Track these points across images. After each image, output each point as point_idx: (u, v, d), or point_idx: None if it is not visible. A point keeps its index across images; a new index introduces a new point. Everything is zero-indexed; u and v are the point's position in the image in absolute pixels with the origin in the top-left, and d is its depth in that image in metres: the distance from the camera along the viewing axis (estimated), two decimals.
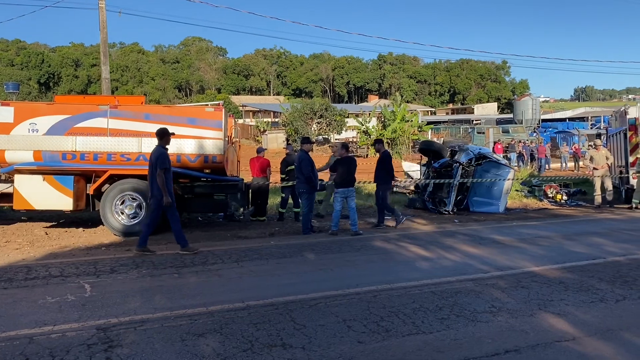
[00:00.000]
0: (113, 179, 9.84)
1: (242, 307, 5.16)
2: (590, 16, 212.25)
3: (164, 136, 8.17)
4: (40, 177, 9.70)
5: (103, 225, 9.90)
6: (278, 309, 5.10)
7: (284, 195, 12.04)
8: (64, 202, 9.77)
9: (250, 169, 12.25)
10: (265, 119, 59.20)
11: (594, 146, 15.65)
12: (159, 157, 7.86)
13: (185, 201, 10.47)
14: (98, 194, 9.85)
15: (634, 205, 13.68)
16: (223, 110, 10.12)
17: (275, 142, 41.81)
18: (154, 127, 9.75)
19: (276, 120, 59.32)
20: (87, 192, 9.95)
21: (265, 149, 13.04)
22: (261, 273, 6.80)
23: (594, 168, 14.46)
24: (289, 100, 71.48)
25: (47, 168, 9.69)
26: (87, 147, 9.68)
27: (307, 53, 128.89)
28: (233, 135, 11.58)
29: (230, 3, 22.08)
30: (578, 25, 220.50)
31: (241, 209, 11.09)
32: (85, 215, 11.62)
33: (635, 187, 13.91)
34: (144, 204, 9.64)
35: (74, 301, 5.41)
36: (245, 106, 76.99)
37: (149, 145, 9.71)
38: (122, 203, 9.70)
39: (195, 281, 6.33)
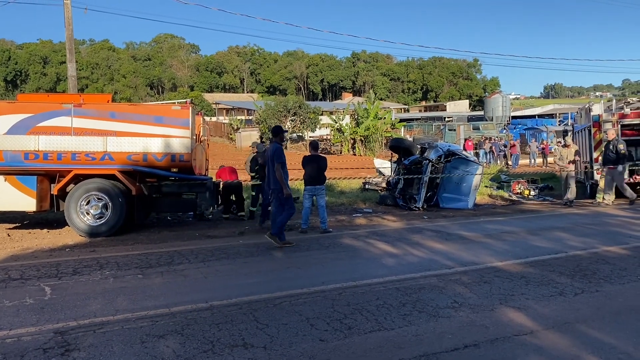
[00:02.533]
0: (78, 178, 9.66)
1: (206, 308, 5.12)
2: (558, 15, 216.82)
3: (278, 133, 8.99)
4: (1, 177, 9.47)
5: (68, 226, 9.70)
6: (242, 309, 5.08)
7: (254, 193, 11.99)
8: (27, 203, 9.56)
9: (220, 176, 12.18)
10: (238, 117, 58.71)
11: (563, 145, 15.82)
12: (276, 152, 8.45)
13: (153, 201, 10.34)
14: (62, 194, 9.66)
15: (597, 201, 14.02)
16: (190, 108, 10.02)
17: (249, 140, 41.49)
18: (119, 126, 9.67)
19: (250, 117, 58.90)
20: (51, 192, 9.75)
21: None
22: (227, 273, 6.76)
23: (560, 165, 14.66)
24: (263, 98, 71.10)
25: (9, 168, 9.47)
26: (51, 147, 9.48)
27: (281, 50, 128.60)
28: (201, 134, 11.46)
29: (200, 0, 21.82)
30: (546, 24, 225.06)
31: (210, 208, 10.98)
32: (50, 216, 11.38)
33: (598, 183, 14.26)
34: (110, 204, 9.47)
35: (32, 304, 5.29)
36: (218, 104, 76.38)
37: (115, 144, 9.61)
38: (88, 203, 9.51)
39: (160, 282, 6.25)
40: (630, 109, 15.50)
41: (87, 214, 9.51)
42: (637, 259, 7.10)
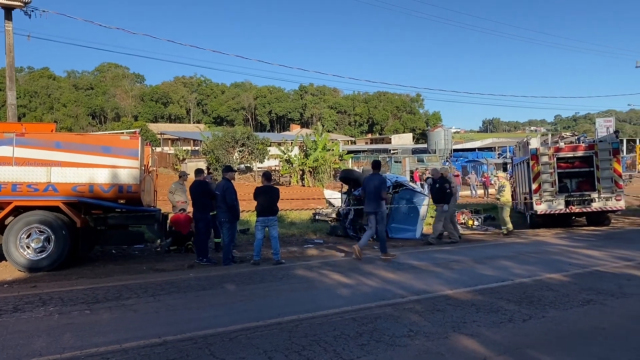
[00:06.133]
0: (18, 210, 9.22)
1: (159, 343, 4.96)
2: (495, 53, 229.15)
3: (379, 166, 11.18)
4: None
5: (6, 260, 9.20)
6: (197, 343, 4.95)
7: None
8: None
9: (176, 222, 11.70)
10: (185, 147, 57.90)
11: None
12: (384, 182, 10.77)
13: (99, 233, 10.00)
14: (1, 227, 9.17)
15: (504, 232, 14.67)
16: (139, 138, 9.85)
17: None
18: (64, 156, 9.38)
19: (196, 148, 58.24)
20: None
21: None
22: (179, 307, 6.58)
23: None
24: (210, 129, 70.63)
25: None
26: None
27: (229, 81, 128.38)
28: (150, 164, 11.25)
29: (148, 30, 21.72)
30: (485, 61, 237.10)
31: (158, 241, 10.72)
32: None
33: (503, 216, 14.94)
34: (52, 237, 9.08)
35: None
36: (163, 134, 75.15)
37: (59, 174, 9.29)
38: (28, 236, 9.08)
39: (109, 317, 6.02)
40: (565, 143, 16.47)
41: (28, 247, 9.07)
42: (577, 286, 7.44)
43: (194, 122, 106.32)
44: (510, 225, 14.80)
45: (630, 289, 7.12)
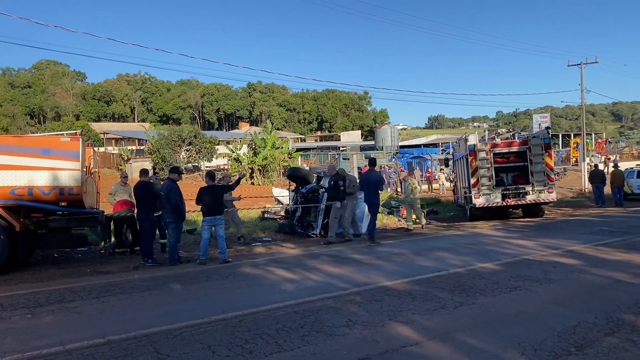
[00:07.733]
0: None
1: (103, 343, 5.03)
2: (436, 54, 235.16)
3: (375, 163, 12.65)
4: None
5: None
6: (141, 342, 5.05)
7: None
8: None
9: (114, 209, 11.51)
10: (129, 147, 56.49)
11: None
12: (381, 177, 12.38)
13: (39, 237, 9.81)
14: None
15: (408, 227, 15.26)
16: (80, 139, 9.72)
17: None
18: (1, 159, 9.14)
19: (141, 148, 56.98)
20: None
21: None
22: (124, 308, 6.62)
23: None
24: (156, 127, 69.22)
25: None
26: None
27: (174, 79, 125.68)
28: (92, 166, 11.09)
29: (88, 28, 21.15)
30: (428, 60, 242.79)
31: (102, 243, 10.59)
32: None
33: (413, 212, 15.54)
34: None
35: None
36: (107, 133, 73.10)
37: None
38: None
39: (51, 320, 6.00)
40: (501, 139, 17.31)
41: None
42: (507, 274, 7.95)
43: (138, 121, 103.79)
44: (411, 223, 15.21)
45: (554, 275, 7.68)
